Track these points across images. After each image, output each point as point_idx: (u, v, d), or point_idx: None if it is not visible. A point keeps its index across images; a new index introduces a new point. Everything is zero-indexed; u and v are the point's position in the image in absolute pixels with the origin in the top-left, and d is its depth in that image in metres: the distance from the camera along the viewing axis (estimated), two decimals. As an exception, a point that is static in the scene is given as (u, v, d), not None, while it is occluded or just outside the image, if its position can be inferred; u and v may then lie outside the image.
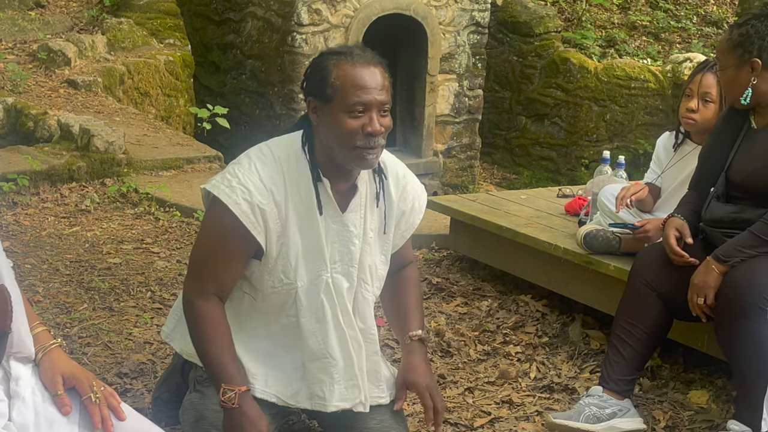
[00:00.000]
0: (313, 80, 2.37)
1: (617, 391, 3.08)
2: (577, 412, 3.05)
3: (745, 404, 2.86)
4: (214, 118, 6.41)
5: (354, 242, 2.47)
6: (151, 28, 8.04)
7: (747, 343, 2.82)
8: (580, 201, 4.22)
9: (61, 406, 1.94)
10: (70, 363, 2.05)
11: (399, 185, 2.57)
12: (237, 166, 2.41)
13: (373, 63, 2.36)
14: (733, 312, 2.84)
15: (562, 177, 9.05)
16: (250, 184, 2.35)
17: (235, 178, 2.37)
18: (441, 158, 8.61)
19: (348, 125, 2.31)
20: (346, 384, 2.48)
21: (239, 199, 2.34)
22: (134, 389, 3.17)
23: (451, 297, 4.18)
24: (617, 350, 3.12)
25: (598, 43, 9.97)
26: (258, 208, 2.35)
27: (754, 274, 2.82)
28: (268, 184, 2.37)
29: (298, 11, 7.66)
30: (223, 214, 2.35)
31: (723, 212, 3.03)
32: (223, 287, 2.42)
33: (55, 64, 7.04)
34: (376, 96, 2.32)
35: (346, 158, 2.36)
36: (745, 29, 2.95)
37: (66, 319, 3.67)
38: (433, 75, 8.34)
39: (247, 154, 2.46)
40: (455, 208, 4.41)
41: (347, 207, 2.46)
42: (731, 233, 2.96)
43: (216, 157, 6.12)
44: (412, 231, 2.63)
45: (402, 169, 2.61)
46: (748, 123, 3.09)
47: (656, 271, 3.09)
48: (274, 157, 2.41)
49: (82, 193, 5.26)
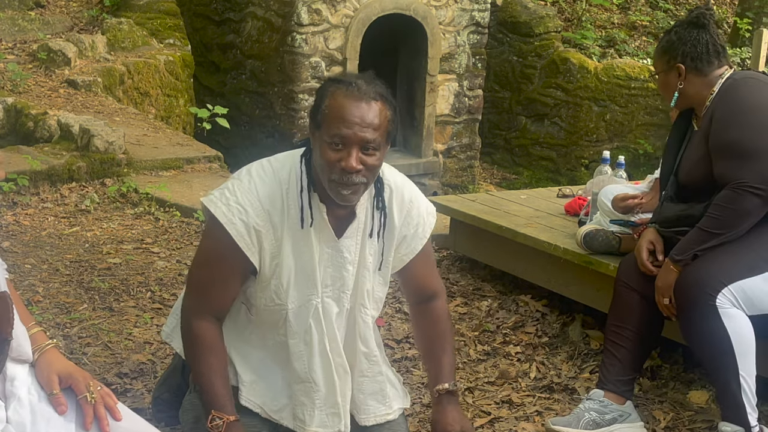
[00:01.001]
0: (314, 103, 2.35)
1: (617, 393, 3.09)
2: (576, 417, 3.05)
3: (727, 403, 2.89)
4: (214, 118, 6.40)
5: (348, 268, 2.44)
6: (151, 28, 8.04)
7: (707, 341, 2.86)
8: (580, 201, 4.22)
9: (57, 405, 1.95)
10: (66, 363, 2.05)
11: (403, 210, 2.51)
12: (237, 183, 2.38)
13: (369, 98, 2.27)
14: (685, 311, 2.90)
15: (562, 177, 9.05)
16: (247, 203, 2.33)
17: (233, 195, 2.34)
18: (441, 158, 8.61)
19: (326, 156, 2.26)
20: (327, 411, 2.46)
21: (235, 218, 2.32)
22: (134, 389, 3.17)
23: (451, 297, 4.18)
24: (611, 353, 3.15)
25: (598, 43, 9.97)
26: (254, 228, 2.33)
27: (698, 271, 2.88)
28: (266, 204, 2.34)
29: (298, 11, 7.66)
30: (220, 232, 2.33)
31: (671, 212, 3.11)
32: (221, 306, 2.41)
33: (55, 64, 7.04)
34: (358, 132, 2.24)
35: (327, 188, 2.32)
36: (670, 36, 3.10)
37: (66, 319, 3.67)
38: (433, 75, 8.34)
39: (249, 169, 2.41)
40: (455, 208, 4.41)
41: (344, 233, 2.42)
42: (683, 231, 3.01)
43: (216, 157, 6.12)
44: (412, 256, 2.56)
45: (409, 192, 2.54)
46: (692, 126, 3.18)
47: (638, 275, 3.14)
48: (275, 176, 2.38)
49: (82, 193, 5.26)
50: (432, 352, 2.65)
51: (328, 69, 7.85)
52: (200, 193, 5.39)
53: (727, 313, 2.82)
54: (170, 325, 2.68)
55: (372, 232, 2.45)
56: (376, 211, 2.45)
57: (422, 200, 2.57)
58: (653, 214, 3.26)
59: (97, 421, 1.95)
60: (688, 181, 3.10)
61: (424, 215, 2.55)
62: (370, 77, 2.33)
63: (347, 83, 2.29)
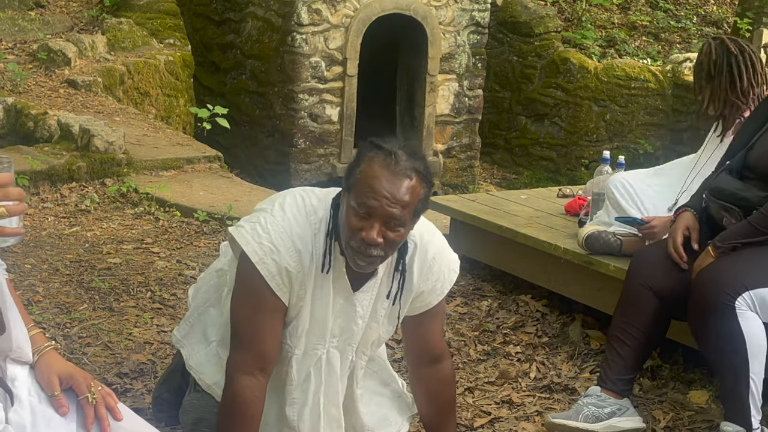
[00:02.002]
0: (352, 161, 2.27)
1: (615, 391, 3.08)
2: (575, 411, 3.05)
3: (732, 403, 2.88)
4: (214, 118, 6.41)
5: (358, 322, 2.40)
6: (151, 28, 8.04)
7: (720, 341, 2.84)
8: (580, 201, 4.22)
9: (59, 407, 1.94)
10: (65, 364, 2.04)
11: (424, 267, 2.43)
12: (270, 220, 2.30)
13: (404, 173, 2.18)
14: (702, 312, 2.88)
15: (562, 177, 9.05)
16: (280, 243, 2.27)
17: (266, 234, 2.27)
18: (441, 158, 8.60)
19: (350, 221, 2.21)
20: None
21: (267, 258, 2.26)
22: (134, 389, 3.16)
23: (451, 297, 4.17)
24: (615, 350, 3.13)
25: (598, 43, 9.97)
26: (285, 270, 2.27)
27: (719, 271, 2.86)
28: (298, 244, 2.28)
29: (298, 11, 7.66)
30: (252, 271, 2.27)
31: (727, 185, 3.06)
32: (266, 353, 2.32)
33: (55, 64, 7.04)
34: (386, 206, 2.16)
35: (344, 250, 2.27)
36: None
37: (66, 319, 3.67)
38: (433, 75, 8.34)
39: (282, 204, 2.33)
40: (455, 208, 4.41)
41: (360, 287, 2.37)
42: (728, 207, 3.00)
43: (216, 157, 6.12)
44: (425, 309, 2.49)
45: (434, 248, 2.44)
46: None
47: (654, 272, 3.10)
48: (308, 217, 2.31)
49: (82, 193, 5.26)
50: (435, 418, 2.58)
51: (328, 69, 7.85)
52: (200, 193, 5.39)
53: (744, 315, 2.80)
54: (182, 331, 2.64)
55: (390, 294, 2.39)
56: (396, 272, 2.38)
57: (446, 256, 2.48)
58: (703, 182, 3.19)
59: (98, 422, 1.95)
60: (757, 165, 3.04)
61: (445, 272, 2.47)
62: (412, 149, 2.25)
63: (387, 152, 2.20)
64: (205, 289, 2.65)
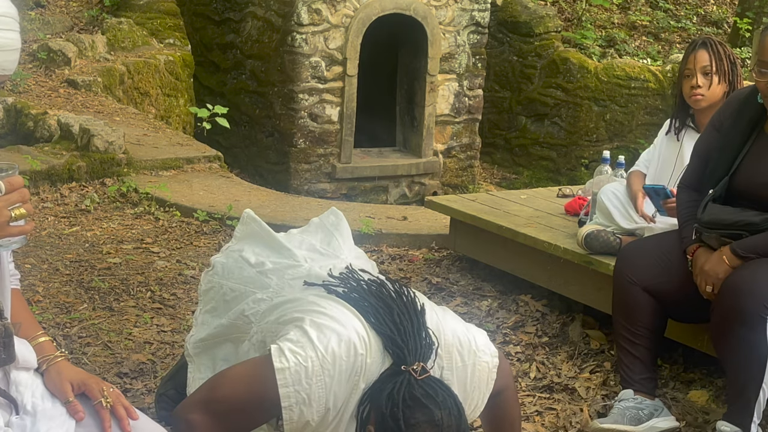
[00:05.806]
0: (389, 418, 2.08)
1: (646, 392, 3.13)
2: (620, 414, 3.07)
3: (737, 405, 2.88)
4: (214, 118, 6.41)
5: None
6: (151, 28, 8.04)
7: (743, 350, 2.82)
8: (580, 201, 4.22)
9: (74, 413, 1.93)
10: (76, 370, 2.04)
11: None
12: (318, 369, 2.14)
13: None
14: (731, 318, 2.84)
15: (562, 177, 9.05)
16: (315, 399, 2.15)
17: (308, 385, 2.14)
18: (441, 158, 8.60)
19: None
20: None
21: (296, 408, 2.16)
22: (134, 389, 3.17)
23: (451, 297, 4.18)
24: (628, 352, 3.14)
25: (598, 43, 9.97)
26: (306, 421, 2.18)
27: (755, 280, 2.81)
28: (329, 403, 2.17)
29: (298, 11, 7.66)
30: (273, 395, 2.15)
31: (724, 215, 2.99)
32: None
33: (55, 64, 7.04)
34: None
35: None
36: None
37: (66, 319, 3.67)
38: (433, 75, 8.33)
39: (335, 352, 2.15)
40: (455, 208, 4.41)
41: None
42: (731, 234, 2.95)
43: (216, 157, 6.12)
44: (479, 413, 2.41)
45: (471, 382, 2.36)
46: (760, 126, 3.04)
47: (638, 268, 3.13)
48: (350, 377, 2.17)
49: (82, 193, 5.27)
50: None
51: (328, 69, 7.85)
52: (200, 193, 5.40)
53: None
54: (195, 349, 2.65)
55: None
56: None
57: (483, 383, 2.39)
58: (696, 213, 3.08)
59: (117, 421, 1.95)
60: (747, 187, 2.99)
61: (484, 391, 2.38)
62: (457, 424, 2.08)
63: (436, 425, 2.04)
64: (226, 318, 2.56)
